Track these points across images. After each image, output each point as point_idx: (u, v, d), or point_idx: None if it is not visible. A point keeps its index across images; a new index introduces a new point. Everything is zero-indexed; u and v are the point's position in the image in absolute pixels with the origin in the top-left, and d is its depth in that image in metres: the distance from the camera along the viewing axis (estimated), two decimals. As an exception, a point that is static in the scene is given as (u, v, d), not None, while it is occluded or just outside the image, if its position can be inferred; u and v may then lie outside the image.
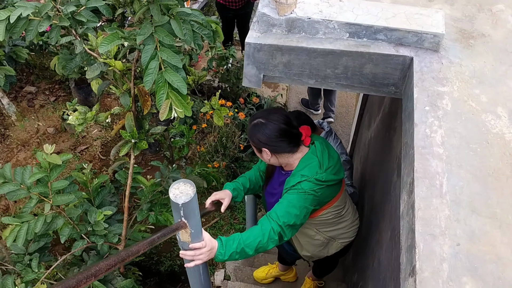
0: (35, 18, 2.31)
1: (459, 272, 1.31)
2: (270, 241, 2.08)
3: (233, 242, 2.01)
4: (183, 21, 2.30)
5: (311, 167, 2.23)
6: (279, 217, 2.11)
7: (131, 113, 2.70)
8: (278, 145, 2.22)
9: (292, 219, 2.13)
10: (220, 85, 5.53)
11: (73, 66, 2.74)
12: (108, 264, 1.06)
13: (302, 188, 2.17)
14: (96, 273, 0.98)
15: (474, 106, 1.70)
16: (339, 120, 6.21)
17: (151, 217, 3.09)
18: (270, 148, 2.24)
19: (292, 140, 2.25)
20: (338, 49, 1.86)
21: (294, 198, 2.16)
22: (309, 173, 2.21)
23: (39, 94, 5.43)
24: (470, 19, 2.01)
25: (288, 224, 2.12)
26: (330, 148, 2.39)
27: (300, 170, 2.24)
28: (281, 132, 2.20)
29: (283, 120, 2.21)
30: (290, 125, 2.23)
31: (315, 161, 2.25)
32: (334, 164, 2.31)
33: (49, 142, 5.06)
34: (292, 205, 2.15)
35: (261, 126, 2.21)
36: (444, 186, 1.48)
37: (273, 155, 2.27)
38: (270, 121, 2.20)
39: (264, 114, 2.24)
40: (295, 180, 2.20)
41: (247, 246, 2.02)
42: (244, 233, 2.06)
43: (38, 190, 2.58)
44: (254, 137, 2.25)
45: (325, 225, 2.54)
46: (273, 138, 2.20)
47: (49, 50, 4.96)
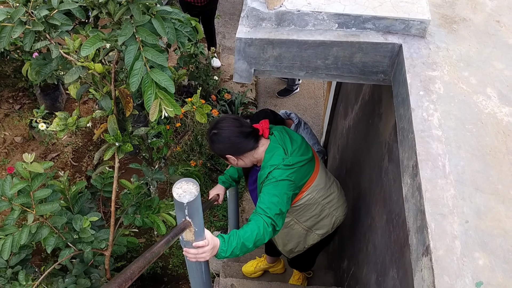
0: (7, 25, 2.23)
1: (471, 248, 1.37)
2: (265, 233, 2.14)
3: (233, 238, 2.06)
4: (165, 20, 2.27)
5: (277, 155, 2.32)
6: (265, 210, 2.18)
7: (113, 116, 2.65)
8: (237, 147, 2.36)
9: (277, 207, 2.20)
10: (190, 83, 5.49)
11: (48, 71, 2.65)
12: (139, 266, 1.05)
13: (274, 177, 2.26)
14: (131, 275, 0.98)
15: (465, 88, 1.76)
16: (309, 112, 6.28)
17: (137, 220, 3.05)
18: (231, 152, 2.38)
19: (248, 138, 2.36)
20: (329, 40, 1.89)
21: (271, 188, 2.25)
22: (276, 161, 2.30)
23: (2, 102, 5.24)
24: (451, 5, 2.08)
25: (276, 214, 2.19)
26: (290, 133, 2.49)
27: (267, 161, 2.34)
28: (234, 135, 2.34)
29: (232, 123, 2.36)
30: (241, 126, 2.37)
31: (279, 149, 2.35)
32: (299, 146, 2.41)
33: (18, 151, 4.89)
34: (272, 195, 2.23)
35: (216, 136, 2.36)
36: (447, 166, 1.53)
37: (238, 158, 2.41)
38: (221, 129, 2.35)
39: (214, 125, 2.39)
40: (266, 171, 2.30)
41: (246, 241, 2.08)
42: (241, 230, 2.11)
43: (21, 200, 2.51)
44: (215, 148, 2.41)
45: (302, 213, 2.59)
46: (229, 143, 2.35)
47: (11, 56, 4.80)
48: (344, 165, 3.65)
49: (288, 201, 2.29)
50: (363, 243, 2.69)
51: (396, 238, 2.02)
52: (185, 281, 4.49)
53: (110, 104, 2.62)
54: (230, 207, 3.94)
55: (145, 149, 3.50)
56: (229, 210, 4.00)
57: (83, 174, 4.89)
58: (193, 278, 2.14)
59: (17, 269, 2.89)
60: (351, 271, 2.93)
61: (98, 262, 3.12)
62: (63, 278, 2.94)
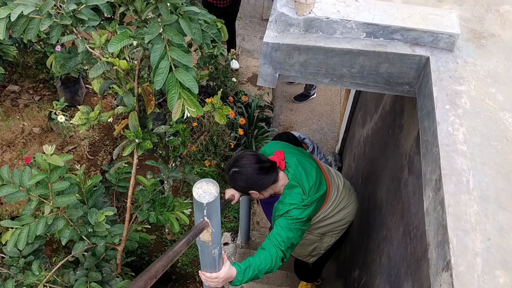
0: (35, 17, 2.26)
1: (492, 265, 1.36)
2: (275, 266, 2.28)
3: (249, 270, 2.18)
4: (192, 20, 2.28)
5: (296, 194, 2.42)
6: (280, 243, 2.30)
7: (135, 112, 2.67)
8: (260, 183, 2.41)
9: (291, 242, 2.35)
10: (208, 84, 5.51)
11: (72, 65, 2.68)
12: (162, 265, 1.07)
13: (292, 216, 2.37)
14: (156, 273, 0.99)
15: (491, 104, 1.75)
16: (325, 118, 6.27)
17: (152, 217, 3.07)
18: (255, 189, 2.44)
19: (269, 173, 2.42)
20: (356, 49, 1.89)
21: (288, 224, 2.36)
22: (296, 200, 2.40)
23: (22, 93, 5.30)
24: (480, 20, 2.07)
25: (288, 247, 2.33)
26: (305, 166, 2.53)
27: (285, 197, 2.43)
28: (256, 172, 2.38)
29: (252, 160, 2.40)
30: (260, 161, 2.42)
31: (298, 188, 2.43)
32: (314, 181, 2.48)
33: (35, 142, 4.95)
34: (288, 230, 2.34)
35: (238, 174, 2.40)
36: (471, 182, 1.52)
37: (261, 193, 2.48)
38: (243, 167, 2.39)
39: (234, 163, 2.43)
40: (284, 208, 2.39)
41: (260, 272, 2.21)
42: (256, 260, 2.23)
43: (38, 192, 2.53)
44: (237, 186, 2.47)
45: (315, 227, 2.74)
46: (252, 180, 2.40)
47: (33, 48, 4.85)
48: (360, 174, 3.64)
49: (302, 234, 2.43)
50: (376, 254, 2.67)
51: (413, 251, 2.01)
52: (192, 280, 4.50)
53: (133, 101, 2.64)
54: (242, 209, 3.95)
55: (162, 147, 3.52)
56: (241, 212, 4.00)
57: (98, 168, 4.92)
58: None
59: (30, 259, 2.91)
60: (363, 280, 2.92)
61: (110, 256, 3.14)
62: (74, 270, 2.96)
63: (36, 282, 2.76)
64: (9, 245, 2.51)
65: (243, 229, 4.27)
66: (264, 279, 3.74)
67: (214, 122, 4.86)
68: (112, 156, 5.01)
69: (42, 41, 4.63)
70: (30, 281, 2.74)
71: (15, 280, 2.79)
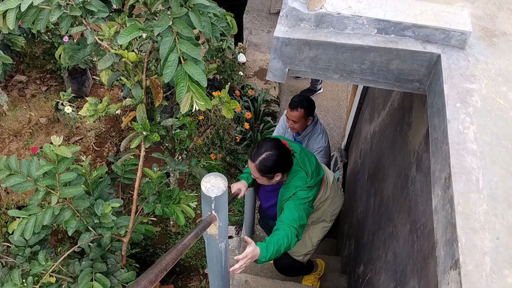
0: (45, 7, 2.26)
1: (500, 265, 1.35)
2: (292, 242, 2.46)
3: (270, 246, 2.35)
4: (202, 13, 2.28)
5: (300, 178, 2.65)
6: (293, 221, 2.50)
7: (143, 105, 2.67)
8: (288, 165, 2.64)
9: (302, 221, 2.56)
10: (215, 77, 5.50)
11: (81, 56, 2.68)
12: (172, 258, 1.07)
13: (299, 197, 2.61)
14: (166, 266, 1.00)
15: (502, 103, 1.74)
16: (331, 113, 6.26)
17: (158, 209, 3.08)
18: (282, 170, 2.62)
19: (291, 157, 2.66)
20: (367, 45, 1.88)
21: (296, 205, 2.58)
22: (300, 183, 2.63)
23: (30, 83, 5.31)
24: (491, 18, 2.05)
25: (300, 225, 2.53)
26: (307, 153, 2.78)
27: (291, 181, 2.67)
28: (284, 155, 2.59)
29: (278, 144, 2.59)
30: (283, 146, 2.63)
31: (302, 172, 2.66)
32: (315, 167, 2.72)
33: (42, 132, 4.96)
34: (297, 210, 2.56)
35: (270, 157, 2.55)
36: (480, 181, 1.52)
37: (283, 175, 2.66)
38: (273, 150, 2.55)
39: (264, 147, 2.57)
40: (291, 191, 2.64)
41: (280, 247, 2.38)
42: (274, 238, 2.41)
43: (46, 182, 2.54)
44: (267, 168, 2.57)
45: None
46: (282, 162, 2.58)
47: (41, 38, 4.86)
48: (367, 170, 3.63)
49: (308, 215, 2.65)
50: (382, 250, 2.68)
51: (420, 248, 2.01)
52: (196, 273, 4.52)
53: (141, 93, 2.64)
54: (247, 203, 3.96)
55: (168, 139, 3.52)
56: (246, 206, 4.02)
57: (104, 159, 4.94)
58: (212, 270, 2.16)
59: (36, 249, 2.93)
60: (367, 277, 2.92)
61: (115, 247, 3.15)
62: (79, 260, 2.97)
63: (42, 272, 2.78)
64: (16, 234, 2.52)
65: (248, 223, 4.28)
66: (268, 273, 3.75)
67: (221, 115, 4.86)
68: (118, 148, 5.02)
69: (50, 31, 4.64)
70: (37, 270, 2.75)
71: (21, 269, 2.81)
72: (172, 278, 4.44)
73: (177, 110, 3.64)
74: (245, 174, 3.06)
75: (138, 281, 0.93)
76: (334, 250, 4.55)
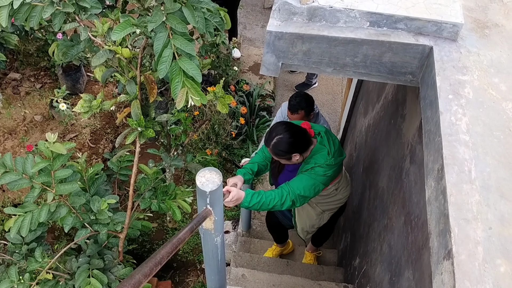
0: (38, 4, 2.25)
1: (493, 254, 1.37)
2: (284, 204, 2.54)
3: (257, 196, 2.47)
4: (195, 9, 2.27)
5: (322, 155, 2.68)
6: (296, 189, 2.57)
7: (137, 101, 2.67)
8: (301, 146, 2.66)
9: (306, 193, 2.60)
10: (210, 72, 5.50)
11: (75, 52, 2.68)
12: (167, 252, 1.08)
13: (316, 172, 2.64)
14: (161, 260, 1.01)
15: (494, 94, 1.75)
16: (326, 107, 6.27)
17: (154, 205, 3.08)
18: (299, 151, 2.65)
19: (306, 136, 2.69)
20: (360, 38, 1.89)
21: (307, 178, 2.63)
22: (321, 160, 2.66)
23: (24, 81, 5.29)
24: (483, 9, 2.06)
25: (300, 195, 2.58)
26: (331, 135, 2.82)
27: (312, 158, 2.69)
28: (296, 135, 2.62)
29: (290, 127, 2.64)
30: (296, 127, 2.67)
31: (325, 150, 2.69)
32: (338, 148, 2.77)
33: (37, 130, 4.95)
34: (307, 182, 2.61)
35: (281, 141, 2.60)
36: (473, 172, 1.53)
37: (301, 155, 2.68)
38: (284, 133, 2.60)
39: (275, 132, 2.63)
40: (310, 165, 2.67)
41: (267, 201, 2.48)
42: (268, 192, 2.53)
43: (41, 179, 2.54)
44: (281, 152, 2.64)
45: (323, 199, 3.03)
46: (295, 142, 2.62)
47: (35, 36, 4.84)
48: (362, 163, 3.65)
49: (318, 191, 2.68)
50: (377, 243, 2.69)
51: (414, 239, 2.03)
52: (193, 268, 4.53)
53: (135, 89, 2.64)
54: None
55: (164, 135, 3.52)
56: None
57: (100, 156, 4.93)
58: (208, 265, 2.17)
59: (33, 246, 2.93)
60: (363, 269, 2.94)
61: (112, 244, 3.16)
62: (76, 257, 2.98)
63: (39, 269, 2.79)
64: (12, 231, 2.53)
65: (244, 218, 4.29)
66: (265, 267, 3.77)
67: (216, 111, 4.87)
68: (113, 144, 5.02)
69: (44, 28, 4.62)
70: (33, 267, 2.76)
71: (18, 266, 2.81)
72: (169, 274, 4.45)
73: (172, 105, 3.65)
74: (243, 169, 3.05)
75: (133, 275, 0.94)
76: (330, 243, 4.57)
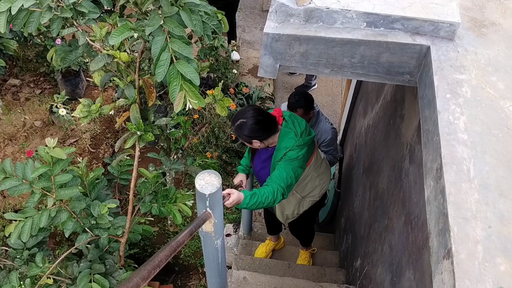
0: (36, 10, 2.26)
1: (493, 253, 1.37)
2: (276, 199, 2.64)
3: (254, 197, 2.54)
4: (192, 12, 2.28)
5: (290, 138, 2.78)
6: (280, 181, 2.67)
7: (136, 105, 2.67)
8: (263, 133, 2.75)
9: (289, 180, 2.71)
10: (209, 75, 5.50)
11: (73, 58, 2.68)
12: (166, 255, 1.08)
13: (289, 157, 2.74)
14: (160, 263, 1.01)
15: (492, 93, 1.75)
16: (326, 109, 6.27)
17: (154, 209, 3.08)
18: (258, 138, 2.76)
19: (271, 125, 2.76)
20: (357, 39, 1.89)
21: (286, 166, 2.73)
22: (290, 143, 2.76)
23: (23, 86, 5.30)
24: (480, 8, 2.06)
25: (287, 185, 2.69)
26: (296, 117, 2.93)
27: (281, 143, 2.80)
28: (260, 123, 2.71)
29: (258, 113, 2.72)
30: (264, 114, 2.75)
31: (291, 133, 2.79)
32: (304, 128, 2.86)
33: (37, 135, 4.96)
34: (287, 170, 2.71)
35: (244, 125, 2.71)
36: (472, 171, 1.53)
37: (262, 142, 2.80)
38: (248, 118, 2.70)
39: (241, 115, 2.74)
40: (282, 152, 2.77)
41: (262, 201, 2.56)
42: (261, 190, 2.60)
43: (41, 184, 2.54)
44: (242, 135, 2.77)
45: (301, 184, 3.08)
46: (257, 129, 2.72)
47: (34, 41, 4.85)
48: (362, 164, 3.65)
49: (298, 176, 2.79)
50: (378, 243, 2.69)
51: (414, 239, 2.02)
52: (195, 271, 4.53)
53: (134, 93, 2.64)
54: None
55: (164, 139, 3.53)
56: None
57: (100, 160, 4.94)
58: (209, 268, 2.17)
59: (34, 251, 2.93)
60: (365, 270, 2.93)
61: (113, 248, 3.15)
62: (77, 262, 2.98)
63: (40, 274, 2.79)
64: (13, 237, 2.53)
65: (245, 220, 4.29)
66: (267, 269, 3.77)
67: (216, 114, 4.87)
68: (114, 149, 5.02)
69: (43, 34, 4.63)
70: (34, 272, 2.76)
71: (19, 272, 2.81)
72: (171, 278, 4.45)
73: (171, 109, 3.65)
74: (241, 166, 3.26)
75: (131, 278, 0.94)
76: (332, 245, 4.57)
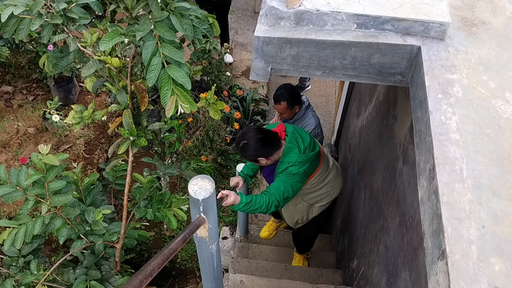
0: (26, 17, 2.25)
1: (487, 253, 1.37)
2: (269, 209, 2.74)
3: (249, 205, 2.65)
4: (183, 16, 2.27)
5: (293, 154, 2.83)
6: (277, 193, 2.76)
7: (128, 110, 2.67)
8: (266, 150, 2.81)
9: (286, 194, 2.79)
10: (202, 78, 5.50)
11: (64, 64, 2.67)
12: (158, 263, 1.07)
13: (290, 172, 2.81)
14: (152, 272, 1.00)
15: (483, 92, 1.75)
16: (320, 110, 6.27)
17: (149, 214, 3.07)
18: (262, 156, 2.83)
19: (273, 141, 2.83)
20: (347, 40, 1.89)
21: (286, 179, 2.80)
22: (293, 159, 2.82)
23: (16, 93, 5.28)
24: (470, 7, 2.07)
25: (283, 198, 2.78)
26: (300, 132, 2.98)
27: (284, 157, 2.85)
28: (261, 141, 2.78)
29: (258, 132, 2.80)
30: (264, 132, 2.83)
31: (295, 148, 2.84)
32: (308, 143, 2.90)
33: (30, 142, 4.93)
34: (285, 184, 2.79)
35: (246, 146, 2.78)
36: (464, 171, 1.53)
37: (267, 159, 2.86)
38: (249, 139, 2.77)
39: (242, 137, 2.82)
40: (284, 166, 2.83)
41: (256, 208, 2.68)
42: (258, 198, 2.70)
43: (35, 191, 2.53)
44: (247, 155, 2.85)
45: (308, 193, 3.15)
46: (259, 148, 2.78)
47: (25, 48, 4.83)
48: (356, 164, 3.65)
49: (296, 190, 2.86)
50: (374, 244, 2.69)
51: (410, 240, 2.02)
52: (192, 275, 4.52)
53: (126, 98, 2.64)
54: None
55: (157, 143, 3.52)
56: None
57: (95, 166, 4.92)
58: (205, 273, 2.16)
59: (29, 259, 2.92)
60: (361, 271, 2.93)
61: (109, 254, 3.14)
62: (73, 269, 2.96)
63: (35, 281, 2.77)
64: (6, 244, 2.51)
65: (242, 223, 4.28)
66: (264, 272, 3.76)
67: (210, 117, 4.86)
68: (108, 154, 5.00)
69: (34, 40, 4.61)
70: (29, 280, 2.74)
71: (15, 279, 2.79)
72: (168, 282, 4.43)
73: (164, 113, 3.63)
74: (241, 172, 3.27)
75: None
76: (328, 246, 4.56)
